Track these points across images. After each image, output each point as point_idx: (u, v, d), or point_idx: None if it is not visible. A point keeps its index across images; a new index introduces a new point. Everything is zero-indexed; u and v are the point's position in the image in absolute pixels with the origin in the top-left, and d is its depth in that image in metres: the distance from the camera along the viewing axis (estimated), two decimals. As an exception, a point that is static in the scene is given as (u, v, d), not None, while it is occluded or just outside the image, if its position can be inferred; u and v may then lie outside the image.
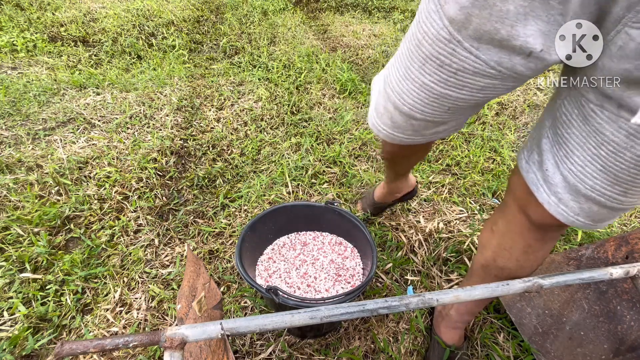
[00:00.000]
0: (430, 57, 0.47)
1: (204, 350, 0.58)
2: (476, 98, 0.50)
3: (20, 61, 2.14)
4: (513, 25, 0.40)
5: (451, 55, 0.45)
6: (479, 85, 0.47)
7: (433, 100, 0.51)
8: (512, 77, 0.46)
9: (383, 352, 0.92)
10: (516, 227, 0.64)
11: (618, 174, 0.46)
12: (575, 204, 0.51)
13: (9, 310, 0.96)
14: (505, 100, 2.04)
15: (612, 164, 0.45)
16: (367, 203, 1.26)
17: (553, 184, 0.52)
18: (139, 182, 1.37)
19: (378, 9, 3.49)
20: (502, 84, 0.47)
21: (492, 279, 0.74)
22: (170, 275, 1.08)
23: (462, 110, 0.53)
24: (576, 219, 0.52)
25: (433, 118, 0.54)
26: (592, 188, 0.48)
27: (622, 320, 0.81)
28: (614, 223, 1.30)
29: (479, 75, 0.46)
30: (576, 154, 0.48)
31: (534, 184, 0.54)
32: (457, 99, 0.50)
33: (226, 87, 2.05)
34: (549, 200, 0.53)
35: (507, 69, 0.44)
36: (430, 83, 0.49)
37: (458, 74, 0.46)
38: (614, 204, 0.49)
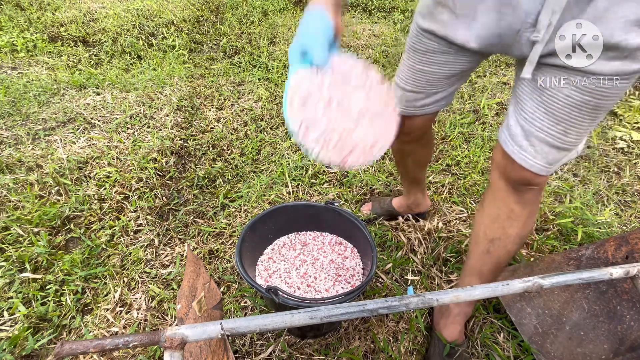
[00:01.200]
0: (411, 47, 0.78)
1: (204, 350, 0.58)
2: (442, 70, 0.76)
3: (20, 61, 2.14)
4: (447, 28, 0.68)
5: (420, 43, 0.75)
6: (441, 60, 0.74)
7: (414, 74, 0.79)
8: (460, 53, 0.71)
9: (383, 352, 0.92)
10: (499, 193, 0.76)
11: (556, 113, 0.61)
12: (531, 148, 0.66)
13: (9, 310, 0.96)
14: (505, 100, 2.04)
15: (551, 106, 0.61)
16: (380, 207, 1.28)
17: (515, 134, 0.67)
18: (139, 182, 1.37)
19: (378, 9, 3.49)
20: (455, 58, 0.73)
21: (484, 255, 0.82)
22: (170, 275, 1.08)
23: (436, 81, 0.78)
24: (534, 162, 0.66)
25: (418, 89, 0.81)
26: (540, 129, 0.63)
27: (622, 320, 0.81)
28: (614, 223, 1.30)
29: (438, 52, 0.73)
30: (528, 105, 0.64)
31: (504, 142, 0.70)
32: (429, 72, 0.77)
33: (226, 87, 2.05)
34: (513, 149, 0.68)
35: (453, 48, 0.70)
36: (413, 64, 0.78)
37: (426, 54, 0.75)
38: (558, 142, 0.63)
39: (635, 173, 1.60)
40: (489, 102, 2.00)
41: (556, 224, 1.26)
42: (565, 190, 1.45)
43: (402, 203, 1.25)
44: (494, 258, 0.81)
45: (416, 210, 1.26)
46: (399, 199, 1.27)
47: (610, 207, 1.39)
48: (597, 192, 1.47)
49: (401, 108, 0.86)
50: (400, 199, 1.27)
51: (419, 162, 1.08)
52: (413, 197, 1.21)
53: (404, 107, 0.85)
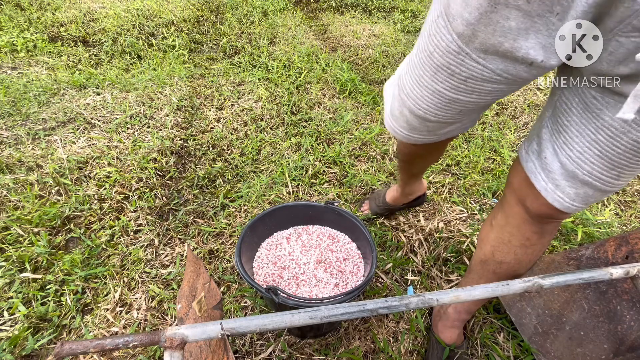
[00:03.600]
0: (441, 67, 0.52)
1: (204, 350, 0.58)
2: (485, 100, 0.55)
3: (20, 61, 2.14)
4: (515, 39, 0.44)
5: (460, 65, 0.50)
6: (487, 90, 0.52)
7: (445, 105, 0.57)
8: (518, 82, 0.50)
9: (383, 352, 0.92)
10: (514, 219, 0.66)
11: (614, 158, 0.49)
12: (571, 190, 0.54)
13: (9, 310, 0.96)
14: (505, 101, 2.04)
15: (609, 149, 0.48)
16: (376, 204, 1.26)
17: (551, 171, 0.55)
18: (139, 182, 1.37)
19: (378, 9, 3.48)
20: (508, 87, 0.52)
21: (490, 275, 0.75)
22: (170, 275, 1.07)
23: (472, 111, 0.59)
24: (571, 204, 0.55)
25: (446, 120, 0.60)
26: (589, 173, 0.51)
27: (622, 320, 0.81)
28: (614, 223, 1.30)
29: (487, 81, 0.50)
30: (575, 141, 0.51)
31: (532, 172, 0.57)
32: (468, 102, 0.55)
33: (226, 87, 2.04)
34: (547, 187, 0.56)
35: (512, 76, 0.48)
36: (443, 90, 0.54)
37: (468, 81, 0.51)
38: (607, 187, 0.52)
39: (635, 173, 1.59)
40: (489, 102, 2.00)
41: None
42: (565, 190, 1.45)
43: (396, 195, 1.20)
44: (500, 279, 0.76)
45: (412, 197, 1.21)
46: (392, 191, 1.21)
47: (610, 207, 1.39)
48: (597, 192, 1.47)
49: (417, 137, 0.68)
50: (393, 191, 1.21)
51: (429, 161, 1.03)
52: (409, 187, 1.16)
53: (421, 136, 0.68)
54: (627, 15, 0.39)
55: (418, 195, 1.22)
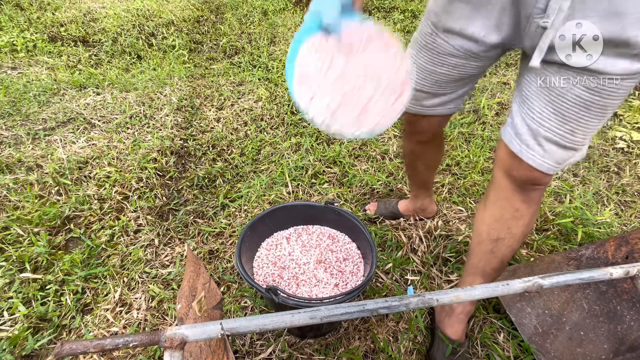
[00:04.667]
0: (422, 46, 0.77)
1: (204, 350, 0.58)
2: (452, 73, 0.76)
3: (20, 61, 2.14)
4: (465, 22, 0.67)
5: (433, 43, 0.74)
6: (452, 63, 0.74)
7: (425, 75, 0.79)
8: (472, 57, 0.71)
9: (383, 352, 0.92)
10: (503, 192, 0.75)
11: (565, 113, 0.61)
12: (539, 148, 0.65)
13: (9, 310, 0.96)
14: (505, 100, 2.04)
15: (559, 106, 0.61)
16: (385, 209, 1.29)
17: (521, 133, 0.67)
18: (139, 182, 1.37)
19: (378, 9, 3.49)
20: (468, 62, 0.73)
21: (489, 255, 0.81)
22: (170, 275, 1.07)
23: (445, 83, 0.78)
24: (543, 161, 0.66)
25: (426, 89, 0.81)
26: (548, 129, 0.63)
27: (622, 320, 0.81)
28: (614, 223, 1.30)
29: (451, 55, 0.73)
30: (535, 104, 0.64)
31: (509, 141, 0.69)
32: (440, 74, 0.77)
33: (226, 87, 2.04)
34: (520, 148, 0.67)
35: (466, 50, 0.70)
36: (423, 63, 0.78)
37: (439, 55, 0.74)
38: (566, 142, 0.63)
39: (635, 173, 1.60)
40: (489, 102, 2.00)
41: (556, 224, 1.26)
42: (565, 190, 1.45)
43: (408, 207, 1.26)
44: (498, 257, 0.81)
45: (422, 215, 1.27)
46: (406, 203, 1.27)
47: (610, 207, 1.39)
48: (597, 192, 1.47)
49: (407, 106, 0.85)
50: (406, 202, 1.27)
51: (429, 165, 1.10)
52: (420, 201, 1.22)
53: (410, 105, 0.85)
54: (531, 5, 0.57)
55: (427, 217, 1.28)
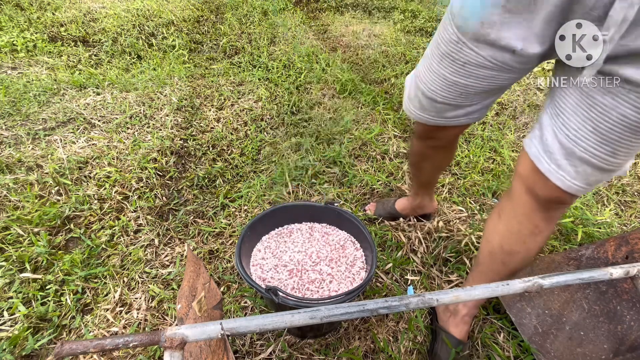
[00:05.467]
0: (445, 55, 0.66)
1: (204, 350, 0.58)
2: (481, 85, 0.66)
3: (20, 61, 2.14)
4: (498, 31, 0.57)
5: (459, 52, 0.63)
6: (481, 75, 0.64)
7: (448, 87, 0.70)
8: (506, 69, 0.62)
9: (383, 352, 0.92)
10: (523, 208, 0.69)
11: (606, 133, 0.54)
12: (572, 168, 0.58)
13: (9, 310, 0.96)
14: (505, 101, 2.04)
15: (601, 124, 0.53)
16: (384, 208, 1.27)
17: (552, 152, 0.59)
18: (139, 182, 1.37)
19: (378, 9, 3.49)
20: (499, 74, 0.63)
21: (500, 266, 0.78)
22: (170, 275, 1.07)
23: (472, 95, 0.70)
24: (573, 183, 0.59)
25: (449, 101, 0.72)
26: (585, 149, 0.56)
27: (622, 320, 0.81)
28: (614, 223, 1.30)
29: (480, 67, 0.63)
30: (571, 120, 0.56)
31: (535, 157, 0.62)
32: (466, 86, 0.68)
33: (226, 87, 2.04)
34: (549, 168, 0.60)
35: (500, 62, 0.61)
36: (446, 74, 0.68)
37: (465, 66, 0.64)
38: (603, 164, 0.56)
39: (635, 173, 1.60)
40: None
41: (556, 224, 1.26)
42: (565, 190, 1.45)
43: (406, 205, 1.23)
44: (509, 268, 0.78)
45: (420, 212, 1.24)
46: (403, 201, 1.24)
47: (610, 207, 1.39)
48: (597, 192, 1.47)
49: (427, 117, 0.79)
50: (404, 200, 1.24)
51: (438, 166, 1.06)
52: (419, 199, 1.19)
53: (430, 116, 0.78)
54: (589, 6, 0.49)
55: (426, 213, 1.25)
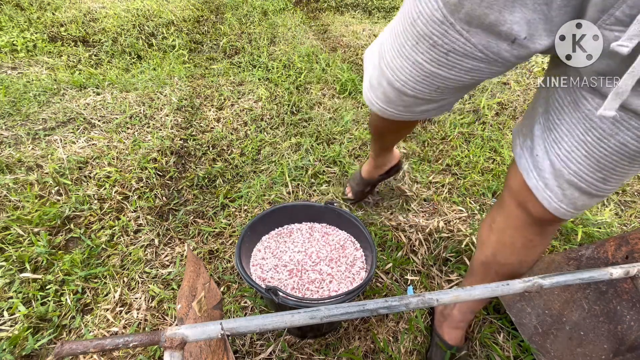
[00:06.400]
0: (423, 37, 0.49)
1: (204, 350, 0.58)
2: (464, 79, 0.52)
3: (20, 61, 2.14)
4: (501, 11, 0.42)
5: (443, 36, 0.47)
6: (468, 67, 0.50)
7: (424, 78, 0.54)
8: (498, 62, 0.48)
9: (383, 352, 0.92)
10: (515, 222, 0.64)
11: (601, 160, 0.48)
12: (559, 190, 0.53)
13: (9, 310, 0.96)
14: (505, 100, 2.04)
15: (596, 150, 0.47)
16: (355, 183, 1.27)
17: (542, 169, 0.53)
18: (139, 182, 1.37)
19: (378, 9, 3.49)
20: (488, 68, 0.50)
21: (493, 276, 0.75)
22: (170, 275, 1.08)
23: (451, 90, 0.56)
24: (559, 205, 0.54)
25: (423, 95, 0.57)
26: (575, 173, 0.50)
27: (622, 320, 0.81)
28: (614, 223, 1.30)
29: (468, 57, 0.48)
30: (565, 140, 0.50)
31: (525, 169, 0.56)
32: (447, 79, 0.52)
33: (226, 87, 2.04)
34: (537, 185, 0.55)
35: (493, 54, 0.47)
36: (423, 61, 0.52)
37: (449, 54, 0.49)
38: (593, 190, 0.51)
39: (635, 173, 1.59)
40: (489, 102, 2.00)
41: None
42: (565, 190, 1.45)
43: (370, 168, 1.19)
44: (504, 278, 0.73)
45: (386, 167, 1.19)
46: (366, 166, 1.20)
47: (610, 207, 1.39)
48: (597, 192, 1.47)
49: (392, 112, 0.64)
50: (366, 166, 1.20)
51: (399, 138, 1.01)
52: (381, 158, 1.13)
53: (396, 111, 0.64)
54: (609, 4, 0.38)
55: (392, 166, 1.20)
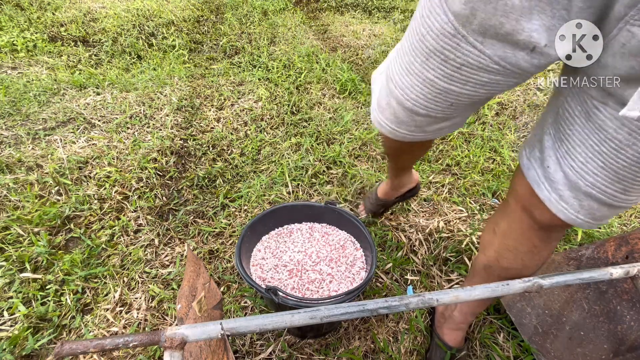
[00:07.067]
0: (434, 52, 0.47)
1: (204, 350, 0.58)
2: (479, 94, 0.49)
3: (20, 61, 2.14)
4: (518, 19, 0.40)
5: (455, 50, 0.45)
6: (483, 81, 0.47)
7: (436, 95, 0.51)
8: (515, 73, 0.45)
9: (383, 352, 0.92)
10: (520, 227, 0.63)
11: (619, 171, 0.46)
12: (575, 202, 0.51)
13: (9, 310, 0.96)
14: (505, 100, 2.04)
15: (613, 161, 0.45)
16: (370, 202, 1.24)
17: (554, 180, 0.52)
18: (139, 182, 1.37)
19: (378, 9, 3.49)
20: (505, 80, 0.47)
21: (495, 279, 0.73)
22: (170, 275, 1.07)
23: (465, 106, 0.53)
24: (577, 216, 0.52)
25: (436, 114, 0.54)
26: (592, 185, 0.48)
27: (622, 320, 0.81)
28: (614, 223, 1.30)
29: (482, 70, 0.45)
30: (578, 151, 0.48)
31: (535, 181, 0.54)
32: (461, 95, 0.49)
33: (226, 87, 2.04)
34: (550, 197, 0.53)
35: (510, 65, 0.44)
36: (434, 78, 0.49)
37: (462, 69, 0.46)
38: (613, 201, 0.49)
39: (635, 173, 1.59)
40: (489, 102, 2.00)
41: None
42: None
43: (387, 189, 1.16)
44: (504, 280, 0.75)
45: (404, 190, 1.17)
46: (383, 187, 1.17)
47: (610, 207, 1.39)
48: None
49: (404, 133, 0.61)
50: (384, 185, 1.17)
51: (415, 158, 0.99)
52: (398, 180, 1.10)
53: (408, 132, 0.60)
54: None
55: (410, 188, 1.18)
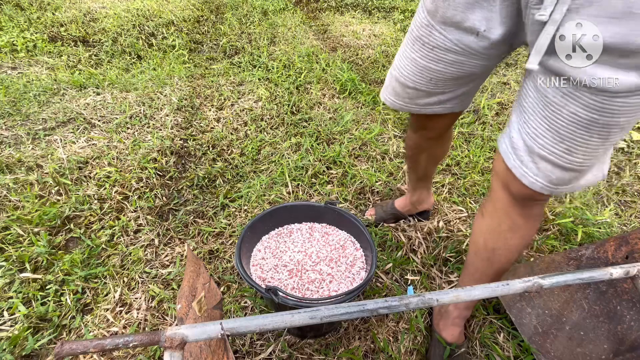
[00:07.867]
0: (417, 38, 0.69)
1: (204, 350, 0.58)
2: (449, 71, 0.68)
3: (20, 61, 2.14)
4: (464, 11, 0.59)
5: (429, 36, 0.66)
6: (449, 59, 0.66)
7: (419, 71, 0.71)
8: (471, 54, 0.64)
9: (383, 352, 0.92)
10: (501, 204, 0.71)
11: (560, 130, 0.55)
12: (533, 165, 0.60)
13: (9, 310, 0.96)
14: (505, 100, 2.04)
15: (554, 122, 0.55)
16: (383, 210, 1.27)
17: (517, 148, 0.61)
18: (139, 182, 1.37)
19: (378, 9, 3.49)
20: (466, 60, 0.66)
21: (485, 263, 0.80)
22: (170, 275, 1.07)
23: (442, 82, 0.71)
24: (536, 179, 0.60)
25: (420, 86, 0.74)
26: (542, 147, 0.57)
27: (622, 320, 0.81)
28: (614, 223, 1.30)
29: (448, 51, 0.65)
30: (531, 118, 0.58)
31: (504, 152, 0.64)
32: (437, 71, 0.69)
33: (226, 87, 2.04)
34: (515, 164, 0.62)
35: (465, 46, 0.63)
36: (417, 58, 0.70)
37: (434, 50, 0.66)
38: (562, 162, 0.57)
39: (635, 173, 1.59)
40: (489, 102, 2.00)
41: (556, 224, 1.26)
42: (565, 190, 1.45)
43: (405, 202, 1.23)
44: (495, 267, 0.79)
45: (420, 208, 1.24)
46: (402, 199, 1.25)
47: (610, 207, 1.39)
48: (597, 192, 1.47)
49: (400, 104, 0.80)
50: (402, 198, 1.25)
51: (433, 159, 1.05)
52: (417, 194, 1.19)
53: (403, 103, 0.79)
54: None
55: (425, 209, 1.25)
